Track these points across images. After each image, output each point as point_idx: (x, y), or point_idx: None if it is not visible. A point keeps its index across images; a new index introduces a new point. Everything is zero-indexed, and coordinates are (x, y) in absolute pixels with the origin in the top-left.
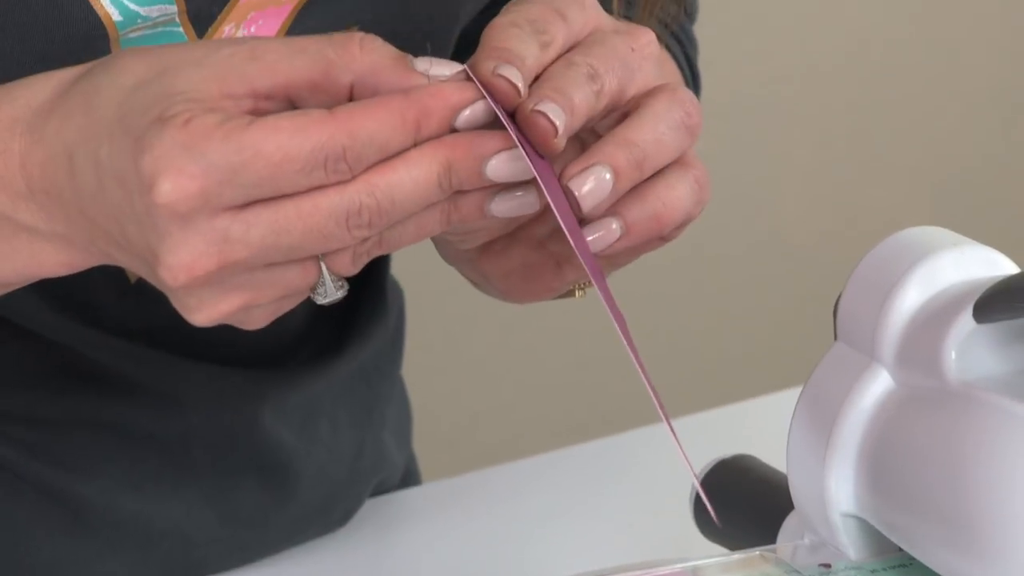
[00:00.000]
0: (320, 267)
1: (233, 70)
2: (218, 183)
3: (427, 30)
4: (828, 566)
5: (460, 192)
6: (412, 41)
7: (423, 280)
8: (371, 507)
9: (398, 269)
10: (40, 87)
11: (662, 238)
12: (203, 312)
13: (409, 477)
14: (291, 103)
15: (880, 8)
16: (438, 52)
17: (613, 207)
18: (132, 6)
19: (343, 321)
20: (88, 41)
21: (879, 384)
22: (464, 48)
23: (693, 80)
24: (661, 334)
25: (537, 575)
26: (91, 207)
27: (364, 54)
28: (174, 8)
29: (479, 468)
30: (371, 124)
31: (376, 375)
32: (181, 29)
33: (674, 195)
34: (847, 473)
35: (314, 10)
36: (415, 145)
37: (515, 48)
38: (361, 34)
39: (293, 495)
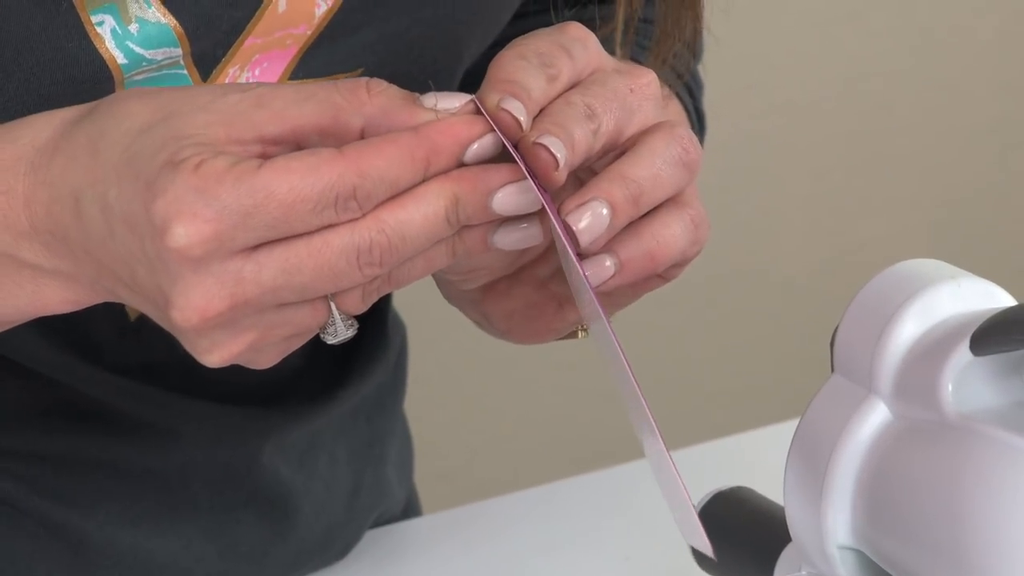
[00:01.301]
0: (330, 307)
1: (240, 116)
2: (231, 227)
3: (431, 71)
4: None
5: (466, 226)
6: (417, 83)
7: (425, 315)
8: (371, 538)
9: (400, 303)
10: (42, 126)
11: (661, 277)
12: (215, 353)
13: (410, 510)
14: (299, 147)
15: (879, 40)
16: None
17: (608, 244)
18: (137, 49)
19: (343, 357)
20: (93, 84)
21: (876, 416)
22: (468, 86)
23: (699, 122)
24: (658, 366)
25: None
26: (98, 249)
27: (372, 97)
28: (179, 51)
29: (479, 500)
30: (381, 162)
31: (377, 410)
32: (186, 72)
33: (668, 233)
34: (844, 505)
35: (318, 53)
36: (424, 180)
37: (522, 80)
38: (367, 78)
39: (292, 529)
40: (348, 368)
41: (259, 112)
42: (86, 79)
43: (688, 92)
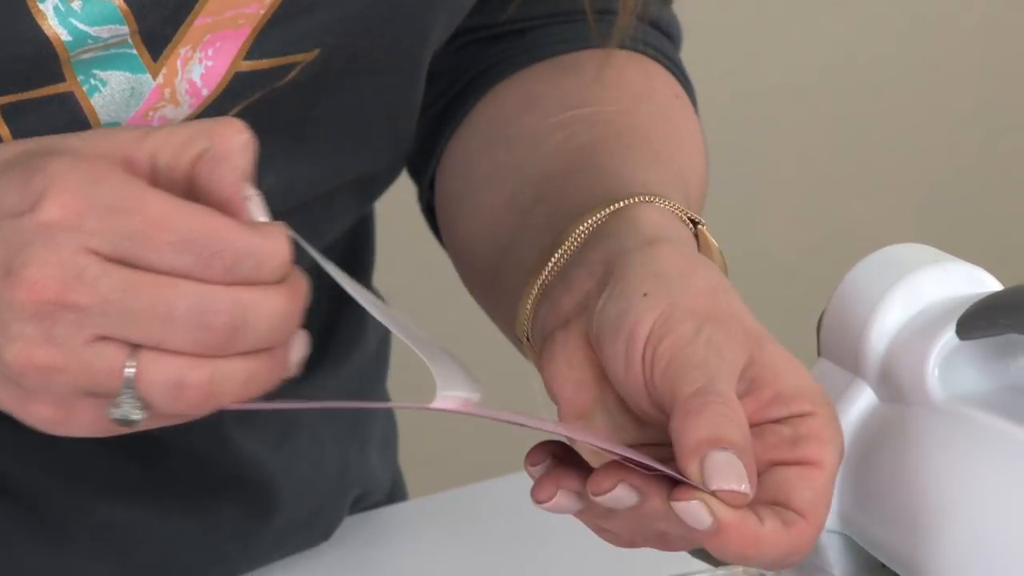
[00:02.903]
0: (124, 371)
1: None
2: (98, 217)
3: (393, 53)
4: None
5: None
6: (380, 65)
7: (410, 296)
8: (356, 522)
9: (384, 285)
10: None
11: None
12: (16, 344)
13: (395, 493)
14: None
15: (865, 24)
16: (406, 80)
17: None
18: (81, 26)
19: (321, 341)
20: (38, 62)
21: (863, 400)
22: (429, 81)
23: (683, 77)
24: None
25: None
26: None
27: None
28: (125, 29)
29: (466, 484)
30: (253, 240)
31: (359, 393)
32: (135, 51)
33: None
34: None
35: (273, 33)
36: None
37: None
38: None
39: (276, 509)
40: (325, 352)
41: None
42: (29, 57)
43: (670, 42)
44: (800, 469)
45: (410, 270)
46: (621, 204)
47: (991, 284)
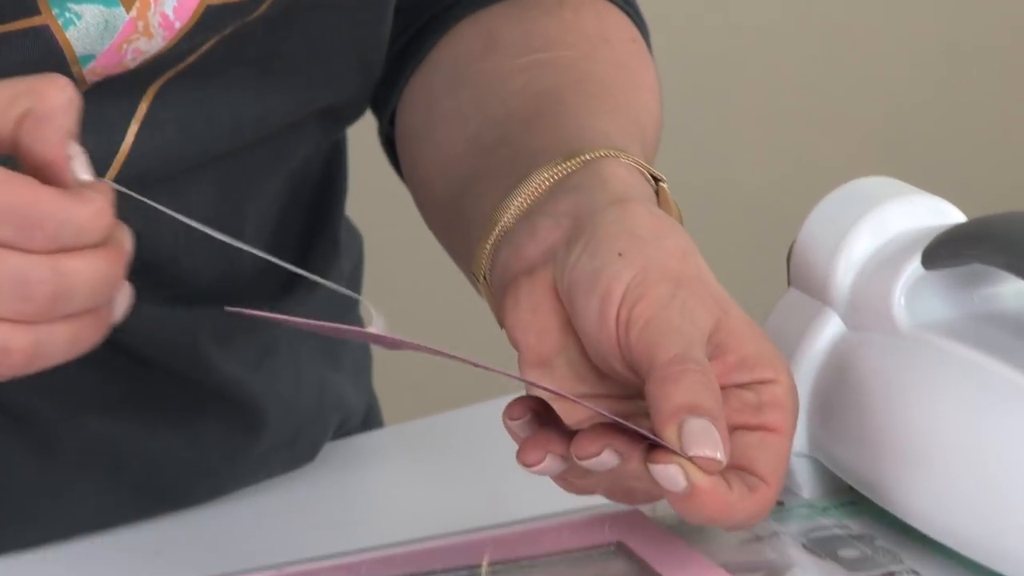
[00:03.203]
0: None
1: None
2: None
3: None
4: (781, 503)
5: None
6: (342, 10)
7: (384, 225)
8: (333, 448)
9: (357, 214)
10: None
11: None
12: None
13: (371, 418)
14: None
15: None
16: (375, 16)
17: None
18: None
19: (297, 264)
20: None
21: (831, 328)
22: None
23: (637, 17)
24: None
25: (505, 515)
26: None
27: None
28: None
29: (443, 411)
30: (74, 208)
31: (333, 317)
32: None
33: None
34: (800, 414)
35: None
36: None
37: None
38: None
39: (260, 427)
40: (298, 276)
41: None
42: None
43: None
44: (763, 435)
45: (388, 200)
46: (586, 157)
47: (955, 216)
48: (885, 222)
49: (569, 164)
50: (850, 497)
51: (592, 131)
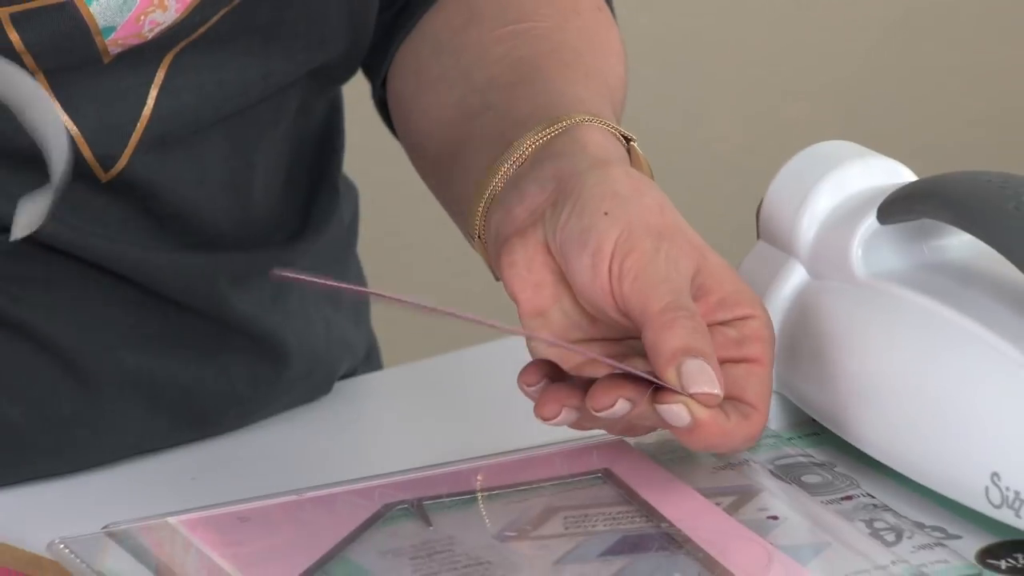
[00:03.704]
0: None
1: None
2: None
3: None
4: None
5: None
6: None
7: (380, 179)
8: (343, 386)
9: (353, 170)
10: None
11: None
12: None
13: (371, 359)
14: None
15: None
16: (358, 7)
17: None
18: None
19: (302, 214)
20: None
21: (796, 277)
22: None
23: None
24: None
25: (501, 445)
26: None
27: None
28: None
29: (440, 352)
30: None
31: (333, 264)
32: None
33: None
34: None
35: None
36: None
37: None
38: None
39: (281, 359)
40: (307, 222)
41: None
42: None
43: None
44: (748, 366)
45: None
46: (565, 124)
47: (907, 176)
48: (845, 181)
49: (550, 130)
50: (813, 429)
51: (568, 97)
